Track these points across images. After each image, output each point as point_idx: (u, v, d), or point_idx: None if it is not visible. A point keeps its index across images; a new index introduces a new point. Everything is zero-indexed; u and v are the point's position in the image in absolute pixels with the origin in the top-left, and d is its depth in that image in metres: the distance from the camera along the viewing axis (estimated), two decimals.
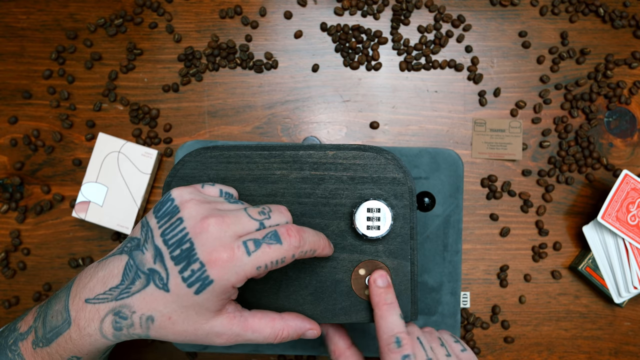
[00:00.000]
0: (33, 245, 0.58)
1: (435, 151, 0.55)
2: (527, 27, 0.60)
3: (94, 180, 0.55)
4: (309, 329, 0.38)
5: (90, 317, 0.34)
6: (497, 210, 0.59)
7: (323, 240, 0.36)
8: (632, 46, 0.60)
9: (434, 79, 0.60)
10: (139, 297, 0.33)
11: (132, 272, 0.34)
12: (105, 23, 0.59)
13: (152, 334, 0.34)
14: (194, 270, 0.32)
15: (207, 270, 0.32)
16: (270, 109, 0.59)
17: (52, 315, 0.36)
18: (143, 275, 0.33)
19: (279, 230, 0.33)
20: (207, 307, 0.33)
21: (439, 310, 0.52)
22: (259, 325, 0.35)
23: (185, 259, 0.32)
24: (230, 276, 0.32)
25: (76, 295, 0.35)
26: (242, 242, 0.32)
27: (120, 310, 0.33)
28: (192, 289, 0.32)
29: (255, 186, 0.39)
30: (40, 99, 0.59)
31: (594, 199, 0.59)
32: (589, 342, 0.58)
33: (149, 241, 0.34)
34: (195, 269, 0.32)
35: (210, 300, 0.32)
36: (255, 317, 0.36)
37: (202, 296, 0.32)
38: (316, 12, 0.60)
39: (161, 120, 0.59)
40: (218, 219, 0.32)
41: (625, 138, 0.60)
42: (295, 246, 0.33)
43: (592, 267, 0.56)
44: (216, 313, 0.33)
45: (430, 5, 0.60)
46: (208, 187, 0.36)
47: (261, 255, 0.32)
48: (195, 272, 0.32)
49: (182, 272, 0.32)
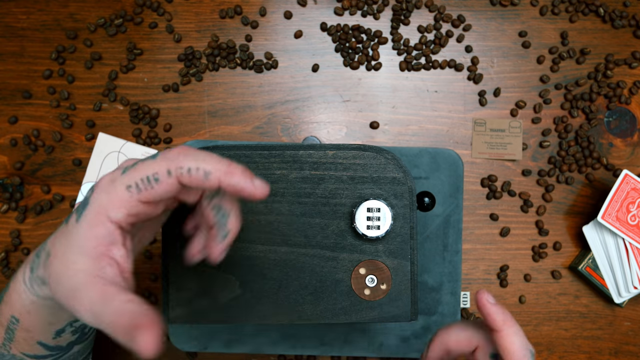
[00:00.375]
0: (33, 245, 0.58)
1: (435, 151, 0.55)
2: (527, 27, 0.60)
3: (94, 180, 0.55)
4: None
5: (24, 268, 0.34)
6: (497, 210, 0.59)
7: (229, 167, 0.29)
8: (632, 46, 0.60)
9: (434, 79, 0.60)
10: (51, 237, 0.32)
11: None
12: (105, 23, 0.59)
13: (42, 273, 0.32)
14: (85, 198, 0.31)
15: (91, 194, 0.30)
16: (270, 109, 0.59)
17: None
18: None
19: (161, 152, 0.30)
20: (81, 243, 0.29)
21: (439, 310, 0.53)
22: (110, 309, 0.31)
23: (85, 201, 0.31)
24: (102, 196, 0.29)
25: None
26: (122, 168, 0.30)
27: (39, 252, 0.33)
28: (75, 214, 0.30)
29: None
30: (40, 99, 0.59)
31: (594, 199, 0.59)
32: (589, 342, 0.58)
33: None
34: (86, 196, 0.31)
35: (86, 231, 0.29)
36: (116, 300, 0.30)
37: (80, 225, 0.30)
38: (316, 12, 0.60)
39: (161, 120, 0.59)
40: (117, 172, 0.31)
41: (625, 138, 0.60)
42: (170, 159, 0.29)
43: (592, 267, 0.57)
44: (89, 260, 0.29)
45: (430, 5, 0.60)
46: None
47: (132, 172, 0.29)
48: (84, 199, 0.31)
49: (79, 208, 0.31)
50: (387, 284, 0.39)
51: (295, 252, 0.39)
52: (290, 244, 0.40)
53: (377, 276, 0.39)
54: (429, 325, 0.55)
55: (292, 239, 0.40)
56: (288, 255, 0.39)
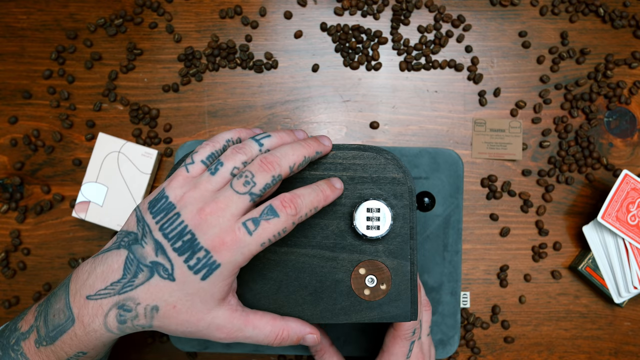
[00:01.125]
0: (33, 245, 0.58)
1: (436, 151, 0.55)
2: (527, 27, 0.60)
3: (94, 180, 0.55)
4: (309, 332, 0.38)
5: (94, 312, 0.35)
6: (497, 210, 0.59)
7: (323, 192, 0.37)
8: (632, 46, 0.60)
9: (434, 79, 0.60)
10: (143, 289, 0.34)
11: (134, 266, 0.34)
12: (105, 23, 0.59)
13: (156, 324, 0.35)
14: (200, 258, 0.33)
15: (214, 256, 0.33)
16: (270, 109, 0.59)
17: (54, 313, 0.36)
18: (145, 268, 0.34)
19: (274, 204, 0.34)
20: (211, 294, 0.34)
21: (439, 310, 0.52)
22: (260, 322, 0.37)
23: (188, 249, 0.33)
24: (237, 257, 0.33)
25: (76, 293, 0.35)
26: (241, 224, 0.33)
27: (124, 304, 0.34)
28: (198, 275, 0.33)
29: None
30: (40, 99, 0.59)
31: (594, 199, 0.59)
32: (589, 342, 0.58)
33: (148, 235, 0.34)
34: (200, 257, 0.33)
35: (216, 285, 0.34)
36: (257, 315, 0.37)
37: (209, 281, 0.33)
38: (316, 12, 0.60)
39: (161, 120, 0.59)
40: (213, 207, 0.33)
41: (625, 138, 0.60)
42: (292, 214, 0.34)
43: (592, 267, 0.57)
44: (219, 302, 0.35)
45: (430, 5, 0.60)
46: (192, 167, 0.37)
47: (262, 232, 0.34)
48: (201, 260, 0.33)
49: (188, 261, 0.33)
50: (387, 284, 0.39)
51: (295, 252, 0.39)
52: (290, 244, 0.40)
53: (376, 276, 0.39)
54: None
55: (291, 239, 0.40)
56: (288, 255, 0.39)
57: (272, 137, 0.37)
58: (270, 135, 0.38)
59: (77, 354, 0.36)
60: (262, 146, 0.37)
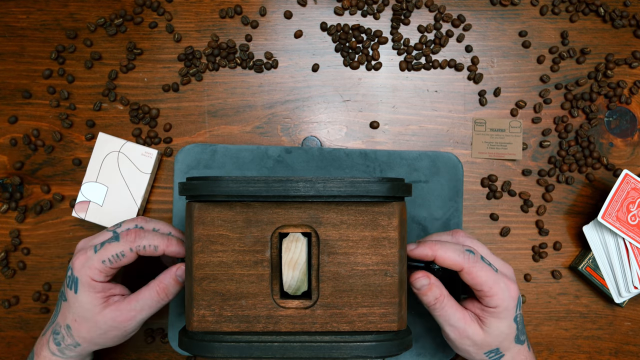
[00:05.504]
0: (33, 245, 0.58)
1: (435, 155, 0.55)
2: (527, 27, 0.60)
3: (94, 180, 0.55)
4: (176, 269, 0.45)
5: (42, 343, 0.47)
6: (497, 210, 0.59)
7: (168, 241, 0.45)
8: (632, 46, 0.60)
9: (434, 79, 0.60)
10: (60, 314, 0.47)
11: (59, 301, 0.47)
12: (105, 23, 0.59)
13: (77, 339, 0.45)
14: (69, 277, 0.45)
15: (73, 272, 0.44)
16: (270, 109, 0.59)
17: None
18: (60, 299, 0.47)
19: (120, 233, 0.45)
20: (89, 302, 0.44)
21: None
22: (140, 293, 0.45)
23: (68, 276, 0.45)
24: (86, 270, 0.44)
25: (38, 339, 0.48)
26: (92, 246, 0.45)
27: (55, 329, 0.46)
28: (72, 290, 0.44)
29: None
30: (40, 99, 0.59)
31: (594, 199, 0.59)
32: (589, 342, 0.58)
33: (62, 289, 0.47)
34: (69, 275, 0.45)
35: (87, 294, 0.44)
36: (138, 291, 0.45)
37: (80, 293, 0.44)
38: (316, 11, 0.60)
39: (161, 120, 0.59)
40: (84, 242, 0.47)
41: (625, 138, 0.60)
42: (130, 241, 0.44)
43: (592, 267, 0.56)
44: (103, 305, 0.44)
45: (430, 5, 0.60)
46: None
47: (103, 251, 0.44)
48: (69, 277, 0.45)
49: (66, 281, 0.45)
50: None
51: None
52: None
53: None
54: (430, 327, 0.55)
55: None
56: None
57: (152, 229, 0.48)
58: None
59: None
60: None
